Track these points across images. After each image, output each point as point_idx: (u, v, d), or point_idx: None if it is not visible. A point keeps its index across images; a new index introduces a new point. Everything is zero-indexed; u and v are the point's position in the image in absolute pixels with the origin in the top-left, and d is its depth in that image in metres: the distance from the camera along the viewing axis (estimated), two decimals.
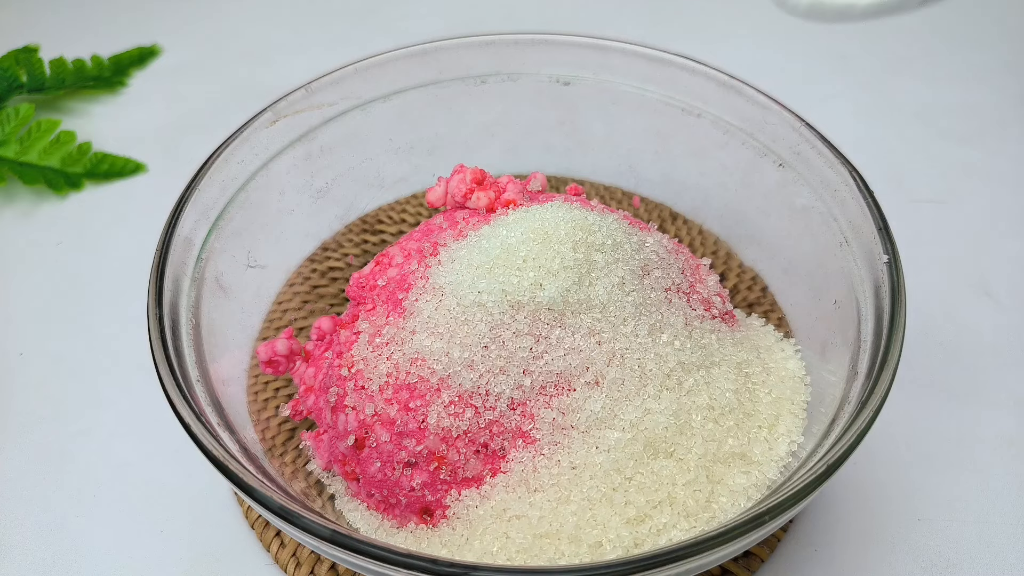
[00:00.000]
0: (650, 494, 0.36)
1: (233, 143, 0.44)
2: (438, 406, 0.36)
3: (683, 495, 0.36)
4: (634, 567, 0.28)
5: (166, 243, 0.39)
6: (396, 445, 0.37)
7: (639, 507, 0.35)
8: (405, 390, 0.37)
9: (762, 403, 0.40)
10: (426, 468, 0.37)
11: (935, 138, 0.69)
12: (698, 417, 0.38)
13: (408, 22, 0.81)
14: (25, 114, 0.65)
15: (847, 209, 0.42)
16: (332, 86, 0.49)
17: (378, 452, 0.37)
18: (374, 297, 0.43)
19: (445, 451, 0.36)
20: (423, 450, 0.36)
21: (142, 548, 0.43)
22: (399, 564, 0.28)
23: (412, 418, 0.36)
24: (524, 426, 0.37)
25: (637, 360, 0.38)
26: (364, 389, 0.38)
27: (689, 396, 0.38)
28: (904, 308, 0.37)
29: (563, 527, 0.35)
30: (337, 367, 0.39)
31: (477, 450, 0.37)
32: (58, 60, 0.71)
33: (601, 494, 0.35)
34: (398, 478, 0.37)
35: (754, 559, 0.42)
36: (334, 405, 0.39)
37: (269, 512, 0.30)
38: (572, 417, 0.37)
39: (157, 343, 0.35)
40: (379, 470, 0.38)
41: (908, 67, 0.76)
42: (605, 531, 0.35)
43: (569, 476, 0.36)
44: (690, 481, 0.36)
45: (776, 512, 0.30)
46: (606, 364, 0.37)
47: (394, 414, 0.37)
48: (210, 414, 0.34)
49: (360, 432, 0.38)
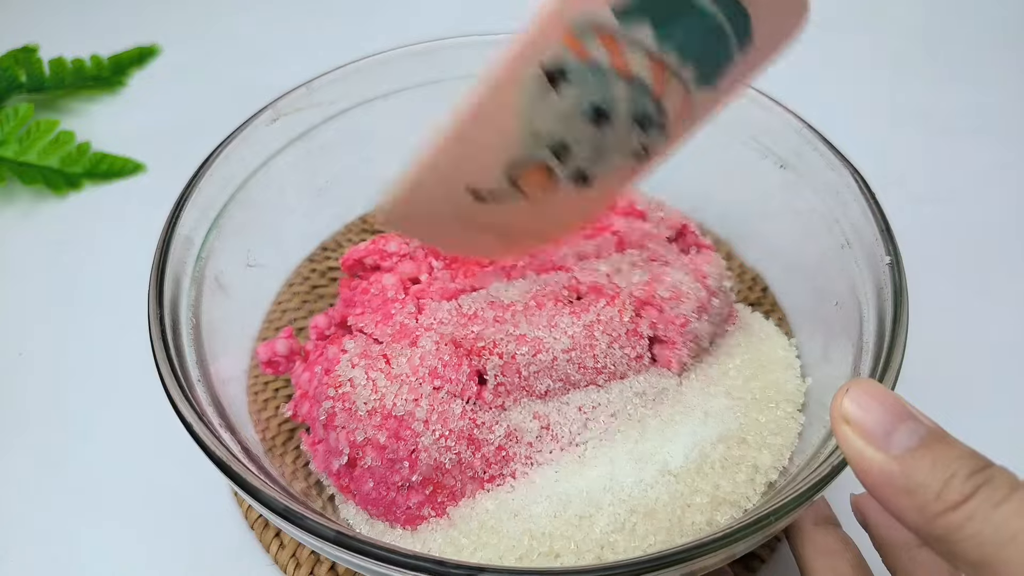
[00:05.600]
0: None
1: (233, 141, 0.44)
2: (428, 437, 0.35)
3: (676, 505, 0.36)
4: (635, 568, 0.28)
5: (166, 242, 0.39)
6: (388, 469, 0.36)
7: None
8: (393, 419, 0.36)
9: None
10: (422, 491, 0.36)
11: (935, 138, 0.69)
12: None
13: (409, 21, 0.81)
14: (24, 114, 0.65)
15: (849, 211, 0.42)
16: (333, 84, 0.49)
17: (371, 473, 0.37)
18: (365, 300, 0.43)
19: (440, 478, 0.36)
20: (417, 477, 0.36)
21: (142, 548, 0.43)
22: (405, 566, 0.28)
23: (403, 447, 0.36)
24: (523, 451, 0.37)
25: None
26: (351, 412, 0.36)
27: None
28: (907, 310, 0.37)
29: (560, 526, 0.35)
30: (325, 385, 0.38)
31: (474, 476, 0.37)
32: (57, 60, 0.71)
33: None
34: (394, 498, 0.37)
35: (754, 559, 0.42)
36: (325, 422, 0.38)
37: (273, 513, 0.29)
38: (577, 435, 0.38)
39: (158, 342, 0.35)
40: (373, 489, 0.37)
41: (908, 67, 0.76)
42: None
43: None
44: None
45: (780, 514, 0.30)
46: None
47: (384, 441, 0.36)
48: (211, 414, 0.34)
49: (353, 452, 0.37)
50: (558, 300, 0.40)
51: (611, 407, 0.38)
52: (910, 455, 0.25)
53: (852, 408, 0.26)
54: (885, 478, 0.25)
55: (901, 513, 0.25)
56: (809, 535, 0.34)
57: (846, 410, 0.26)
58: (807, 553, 0.34)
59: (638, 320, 0.39)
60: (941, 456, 0.25)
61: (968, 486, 0.24)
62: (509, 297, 0.40)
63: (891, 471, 0.25)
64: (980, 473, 0.24)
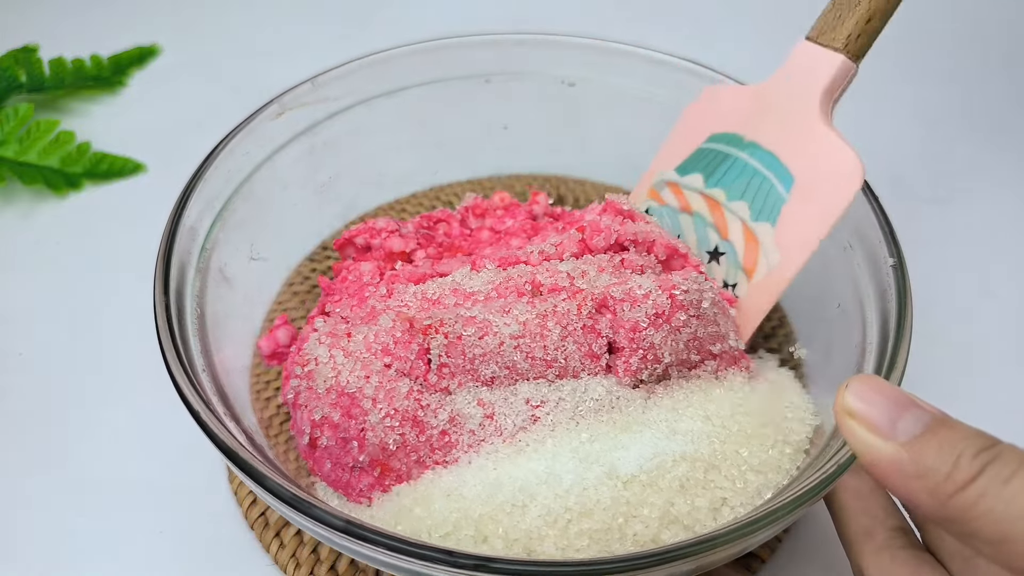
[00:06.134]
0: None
1: (239, 135, 0.44)
2: (375, 415, 0.35)
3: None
4: (635, 565, 0.28)
5: (172, 231, 0.38)
6: (341, 450, 0.36)
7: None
8: (346, 397, 0.36)
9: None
10: (371, 473, 0.36)
11: (935, 138, 0.69)
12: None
13: (413, 20, 0.81)
14: (24, 114, 0.65)
15: (851, 212, 0.42)
16: (337, 81, 0.49)
17: (328, 453, 0.37)
18: (343, 288, 0.43)
19: (387, 460, 0.36)
20: (365, 457, 0.36)
21: (142, 548, 0.43)
22: (415, 555, 0.28)
23: (353, 425, 0.36)
24: (465, 439, 0.37)
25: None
26: (313, 390, 0.37)
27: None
28: (911, 312, 0.37)
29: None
30: (295, 364, 0.39)
31: (419, 460, 0.36)
32: (57, 60, 0.71)
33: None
34: (348, 479, 0.37)
35: (754, 559, 0.42)
36: (292, 401, 0.38)
37: (279, 501, 0.29)
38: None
39: (164, 331, 0.35)
40: (331, 470, 0.37)
41: (908, 67, 0.76)
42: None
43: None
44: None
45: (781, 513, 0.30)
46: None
47: (337, 419, 0.36)
48: (216, 403, 0.34)
49: (312, 432, 0.37)
50: (520, 292, 0.40)
51: (562, 404, 0.37)
52: (917, 441, 0.25)
53: (855, 402, 0.26)
54: (895, 466, 0.25)
55: (915, 499, 0.25)
56: (841, 478, 0.34)
57: (849, 405, 0.26)
58: (841, 495, 0.35)
59: (597, 317, 0.39)
60: (947, 438, 0.25)
61: (976, 464, 0.24)
62: (472, 286, 0.40)
63: (900, 459, 0.25)
64: (987, 451, 0.24)
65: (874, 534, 0.33)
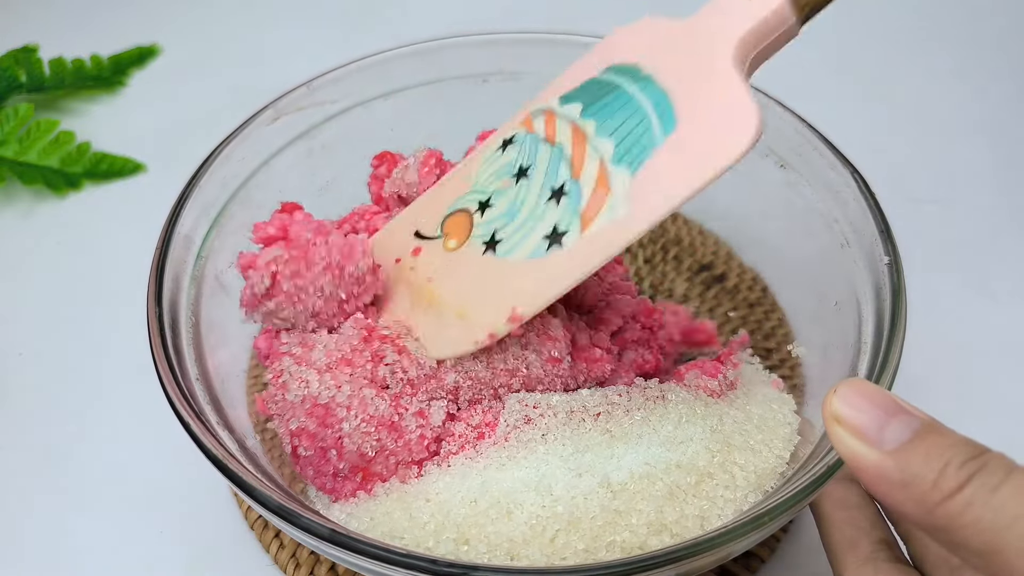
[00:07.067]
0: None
1: (234, 140, 0.44)
2: (350, 423, 0.35)
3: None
4: (634, 567, 0.28)
5: (166, 240, 0.38)
6: (321, 458, 0.36)
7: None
8: (320, 407, 0.35)
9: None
10: (353, 479, 0.36)
11: (935, 138, 0.69)
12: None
13: (409, 20, 0.81)
14: (24, 114, 0.65)
15: (848, 210, 0.42)
16: (334, 84, 0.49)
17: (308, 461, 0.37)
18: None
19: (367, 465, 0.36)
20: (345, 465, 0.36)
21: (142, 548, 0.43)
22: (398, 564, 0.28)
23: (330, 434, 0.35)
24: (450, 447, 0.37)
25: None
26: (287, 401, 0.36)
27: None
28: (905, 310, 0.37)
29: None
30: (269, 372, 0.38)
31: (399, 463, 0.36)
32: (57, 60, 0.71)
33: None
34: (332, 485, 0.37)
35: (754, 559, 0.42)
36: (271, 410, 0.38)
37: (268, 511, 0.29)
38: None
39: (157, 341, 0.35)
40: (314, 478, 0.37)
41: (908, 67, 0.76)
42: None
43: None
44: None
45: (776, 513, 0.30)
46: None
47: (314, 429, 0.36)
48: (209, 413, 0.34)
49: (291, 441, 0.37)
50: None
51: (557, 409, 0.37)
52: (904, 448, 0.25)
53: (843, 408, 0.26)
54: (881, 473, 0.25)
55: (901, 507, 0.25)
56: (828, 488, 0.34)
57: (837, 411, 0.26)
58: (826, 506, 0.34)
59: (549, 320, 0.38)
60: (935, 446, 0.24)
61: (963, 473, 0.24)
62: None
63: (886, 466, 0.25)
64: (975, 460, 0.24)
65: (858, 546, 0.33)
